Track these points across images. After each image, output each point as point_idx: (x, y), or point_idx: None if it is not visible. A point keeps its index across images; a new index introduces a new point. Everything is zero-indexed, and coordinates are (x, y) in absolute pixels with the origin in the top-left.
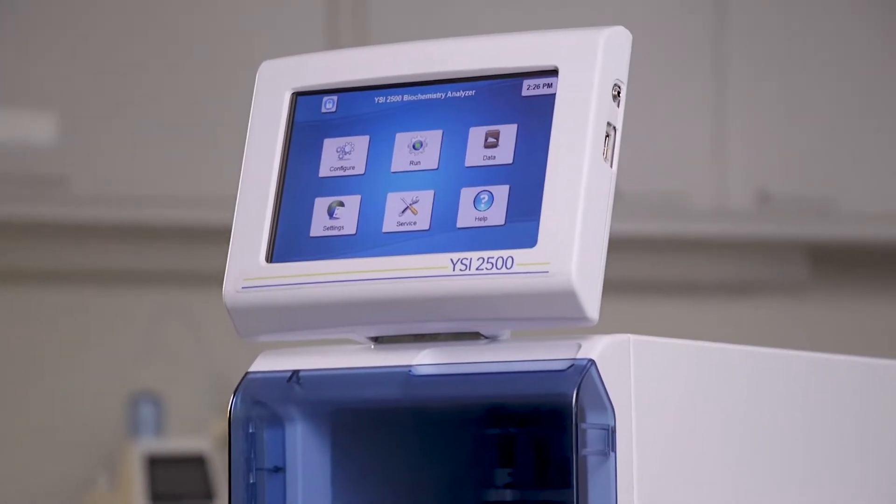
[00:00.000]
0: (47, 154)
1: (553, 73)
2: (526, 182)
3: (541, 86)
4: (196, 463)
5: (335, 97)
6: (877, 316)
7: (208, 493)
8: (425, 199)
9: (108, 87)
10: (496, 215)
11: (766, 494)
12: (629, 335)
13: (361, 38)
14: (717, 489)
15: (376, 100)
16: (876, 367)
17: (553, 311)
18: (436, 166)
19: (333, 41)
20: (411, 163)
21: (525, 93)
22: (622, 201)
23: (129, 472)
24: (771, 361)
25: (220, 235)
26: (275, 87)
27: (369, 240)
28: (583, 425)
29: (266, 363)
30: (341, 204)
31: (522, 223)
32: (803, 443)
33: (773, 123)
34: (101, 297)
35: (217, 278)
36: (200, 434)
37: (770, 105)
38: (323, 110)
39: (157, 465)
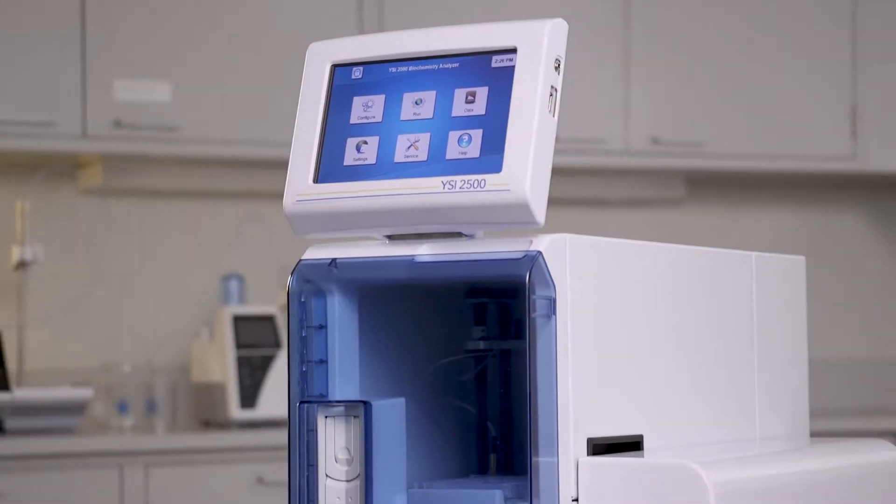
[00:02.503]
0: (165, 110)
1: (513, 51)
2: (494, 127)
3: (504, 60)
4: (268, 321)
5: (361, 68)
6: (733, 224)
7: (276, 343)
8: (424, 139)
9: (205, 63)
10: (473, 150)
11: (667, 353)
12: (566, 234)
13: (380, 24)
14: (629, 342)
15: (390, 70)
16: (746, 258)
17: (513, 217)
18: (431, 116)
19: (360, 27)
20: (414, 114)
21: (494, 65)
22: (559, 142)
23: (222, 327)
24: (662, 253)
25: (282, 165)
26: (319, 61)
27: (385, 167)
28: (533, 296)
29: (313, 253)
30: (365, 142)
31: (491, 156)
32: (698, 313)
33: (661, 90)
34: (203, 208)
35: (281, 195)
36: (270, 302)
37: (660, 77)
38: (352, 77)
39: (241, 323)
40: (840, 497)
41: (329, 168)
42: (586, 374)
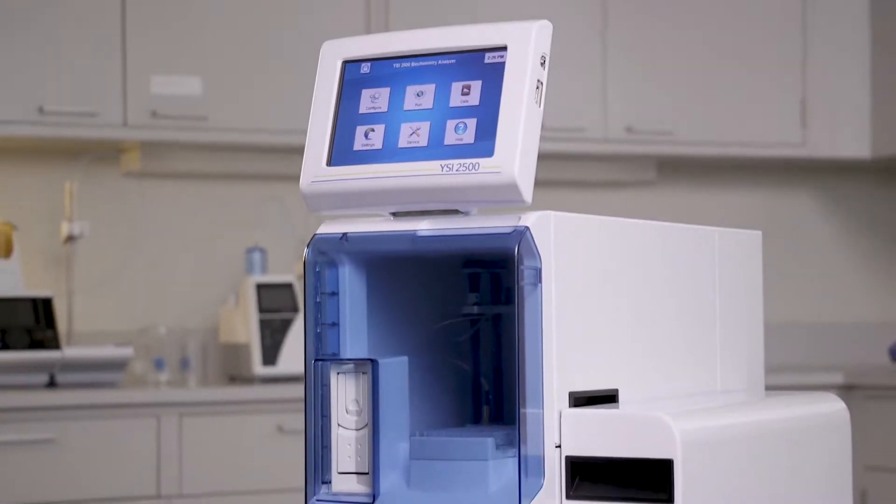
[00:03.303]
0: (195, 102)
1: (504, 49)
2: (487, 117)
3: (496, 57)
4: (286, 288)
5: (369, 63)
6: (698, 203)
7: (294, 308)
8: (424, 127)
9: (230, 60)
10: (468, 137)
11: (641, 316)
12: (551, 212)
13: (386, 25)
14: (607, 307)
15: (395, 65)
16: (709, 233)
17: (503, 196)
18: (431, 107)
19: (368, 27)
20: (416, 104)
21: (486, 61)
22: (545, 130)
23: (246, 294)
24: (636, 229)
25: (298, 150)
26: (331, 57)
27: (390, 152)
28: (521, 267)
29: (327, 228)
30: (372, 130)
31: (484, 142)
32: (667, 282)
33: (635, 85)
34: (229, 188)
35: (298, 177)
36: (289, 271)
37: (633, 74)
38: (361, 72)
39: (263, 290)
40: (792, 443)
41: (340, 152)
42: (568, 335)
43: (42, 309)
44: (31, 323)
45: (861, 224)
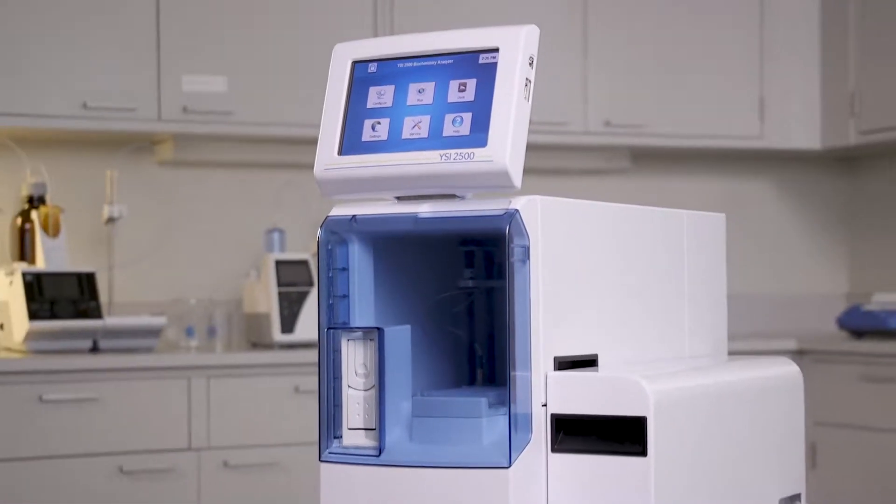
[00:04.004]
0: (221, 99)
1: (496, 50)
2: (481, 111)
3: (489, 58)
4: (303, 265)
5: (376, 63)
6: (668, 189)
7: (309, 282)
8: (425, 120)
9: (252, 62)
10: (464, 129)
11: (618, 289)
12: (538, 196)
13: (391, 28)
14: (588, 280)
15: (398, 65)
16: (678, 215)
17: (495, 182)
18: (431, 102)
19: (375, 30)
20: (417, 100)
21: (481, 61)
22: (532, 124)
23: (267, 269)
24: (613, 211)
25: (313, 142)
26: (342, 58)
27: (394, 143)
28: (511, 245)
29: (338, 211)
30: (379, 123)
31: (479, 134)
32: (641, 258)
33: (612, 84)
34: (251, 176)
35: (312, 165)
36: (305, 249)
37: (611, 74)
38: (368, 71)
39: (282, 266)
40: (751, 402)
41: (350, 143)
42: (553, 306)
43: (86, 282)
44: (77, 295)
45: (812, 207)
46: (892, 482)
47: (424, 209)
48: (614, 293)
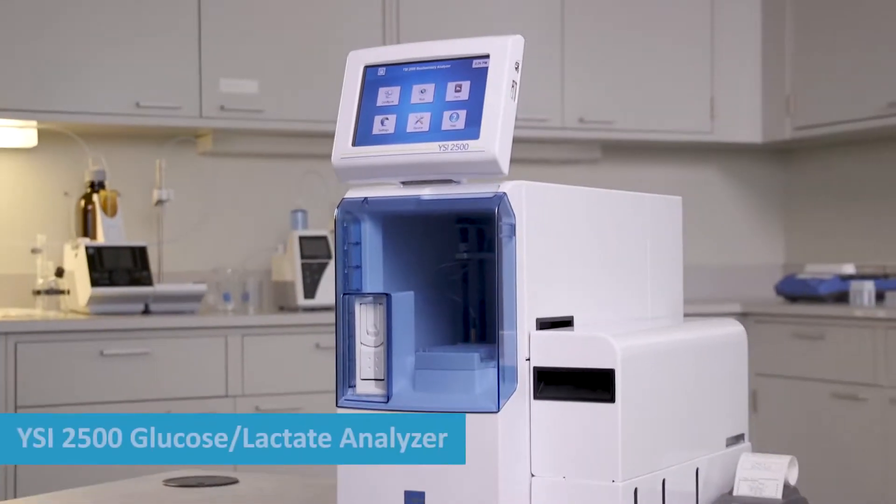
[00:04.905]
0: (253, 99)
1: (487, 57)
2: (474, 109)
3: (481, 63)
4: (323, 240)
5: (385, 68)
6: (633, 176)
7: (328, 255)
8: (426, 116)
9: (279, 67)
10: (460, 124)
11: (591, 261)
12: (522, 181)
13: (398, 37)
14: (565, 253)
15: (404, 69)
16: (642, 198)
17: (487, 169)
18: (432, 101)
19: (384, 39)
20: (420, 99)
21: (474, 66)
22: (517, 120)
23: (292, 244)
24: (587, 194)
25: (331, 135)
26: (355, 63)
27: (400, 135)
28: (500, 223)
29: (352, 194)
30: (387, 118)
31: (472, 128)
32: (611, 234)
33: (584, 86)
34: (279, 164)
35: (330, 155)
36: (324, 227)
37: (584, 78)
38: (378, 74)
39: (305, 241)
40: (703, 356)
41: (362, 136)
42: (536, 275)
43: (139, 255)
44: (131, 265)
45: (754, 191)
46: (817, 422)
47: (426, 192)
48: (588, 264)
